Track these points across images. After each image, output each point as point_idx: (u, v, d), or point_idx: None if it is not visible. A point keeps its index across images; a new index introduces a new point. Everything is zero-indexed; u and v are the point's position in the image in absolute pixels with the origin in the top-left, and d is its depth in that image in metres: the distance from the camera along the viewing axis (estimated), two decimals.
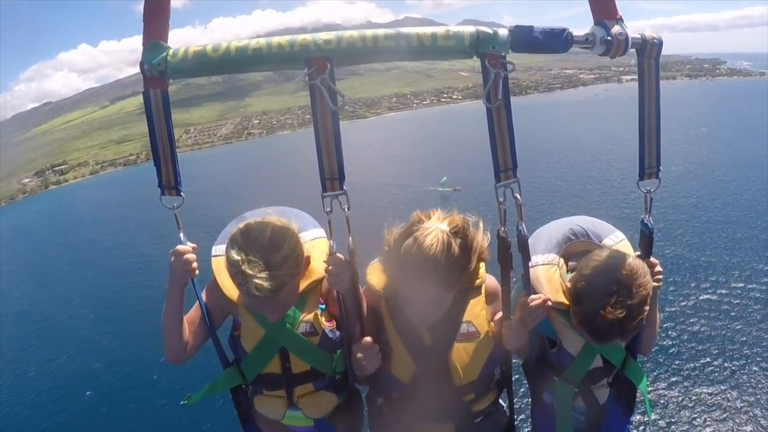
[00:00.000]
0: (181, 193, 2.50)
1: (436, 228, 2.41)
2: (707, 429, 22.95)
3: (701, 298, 33.29)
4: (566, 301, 2.73)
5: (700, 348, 28.30)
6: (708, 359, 27.45)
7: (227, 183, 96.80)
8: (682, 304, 32.32)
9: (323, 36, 2.20)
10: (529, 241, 2.61)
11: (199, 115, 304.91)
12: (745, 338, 28.91)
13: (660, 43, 2.44)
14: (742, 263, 37.79)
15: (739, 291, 33.91)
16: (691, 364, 27.13)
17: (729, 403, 24.11)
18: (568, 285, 2.73)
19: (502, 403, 3.17)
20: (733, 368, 26.63)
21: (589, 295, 2.50)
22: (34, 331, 45.05)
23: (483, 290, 2.84)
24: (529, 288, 2.69)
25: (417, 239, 2.38)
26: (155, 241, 56.68)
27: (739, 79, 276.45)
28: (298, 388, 2.83)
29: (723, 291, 34.11)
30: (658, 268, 2.71)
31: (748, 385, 25.27)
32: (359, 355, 2.60)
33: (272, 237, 2.44)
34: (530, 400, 3.30)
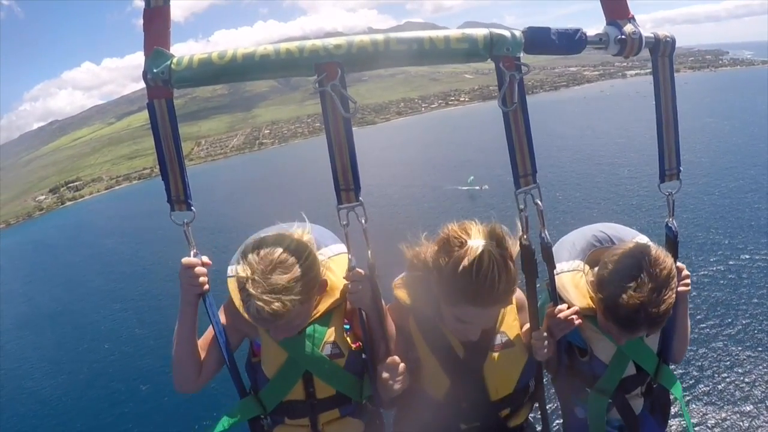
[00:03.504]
0: (192, 208, 2.37)
1: (485, 247, 2.29)
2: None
3: (706, 274, 34.30)
4: (593, 307, 2.69)
5: (702, 321, 29.06)
6: (711, 336, 27.81)
7: (244, 193, 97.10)
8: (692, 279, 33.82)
9: (333, 41, 2.15)
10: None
11: (208, 128, 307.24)
12: (746, 311, 30.12)
13: (673, 42, 2.44)
14: (746, 241, 39.35)
15: (742, 266, 35.37)
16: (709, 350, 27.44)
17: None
18: (593, 279, 2.70)
19: (531, 420, 3.07)
20: (737, 345, 27.16)
21: (610, 281, 2.49)
22: (78, 334, 45.83)
23: (514, 300, 2.71)
24: (555, 297, 2.63)
25: (473, 264, 2.26)
26: (181, 247, 57.47)
27: (742, 69, 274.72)
28: (322, 414, 2.65)
29: (730, 267, 35.57)
30: (686, 272, 2.68)
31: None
32: (385, 375, 2.44)
33: (283, 257, 2.30)
34: (561, 416, 3.27)
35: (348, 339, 2.63)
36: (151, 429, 29.30)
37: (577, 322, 2.60)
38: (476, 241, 2.31)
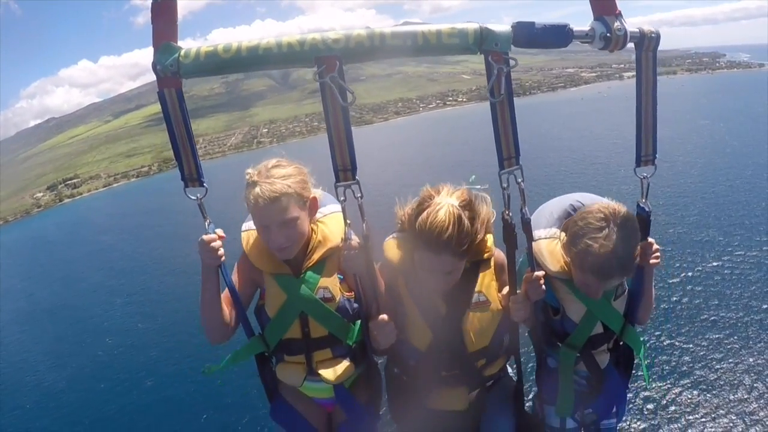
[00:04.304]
0: (204, 184, 2.65)
1: (446, 203, 2.68)
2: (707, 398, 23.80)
3: (702, 269, 35.22)
4: (567, 271, 2.96)
5: (697, 314, 30.19)
6: (706, 328, 29.13)
7: (242, 191, 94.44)
8: (684, 275, 34.50)
9: (332, 35, 2.28)
10: (531, 218, 2.79)
11: (206, 126, 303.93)
12: (739, 304, 31.06)
13: (657, 37, 2.54)
14: (740, 239, 40.12)
15: (737, 262, 36.24)
16: (689, 331, 28.39)
17: (726, 381, 24.98)
18: (565, 239, 2.95)
19: (510, 369, 3.42)
20: (731, 336, 28.30)
21: (582, 234, 2.76)
22: (80, 328, 46.07)
23: (492, 263, 3.08)
24: (533, 264, 2.86)
25: (430, 214, 2.66)
26: (181, 244, 56.91)
27: (739, 72, 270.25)
28: (316, 353, 2.99)
29: (722, 262, 36.30)
30: (656, 247, 2.91)
31: (747, 356, 26.38)
32: (375, 332, 2.82)
33: (281, 162, 2.80)
34: (535, 365, 3.55)
35: (340, 288, 2.98)
36: (156, 420, 29.57)
37: (550, 275, 2.94)
38: (440, 198, 2.75)
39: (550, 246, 3.06)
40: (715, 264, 35.75)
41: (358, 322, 3.00)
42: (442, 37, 2.32)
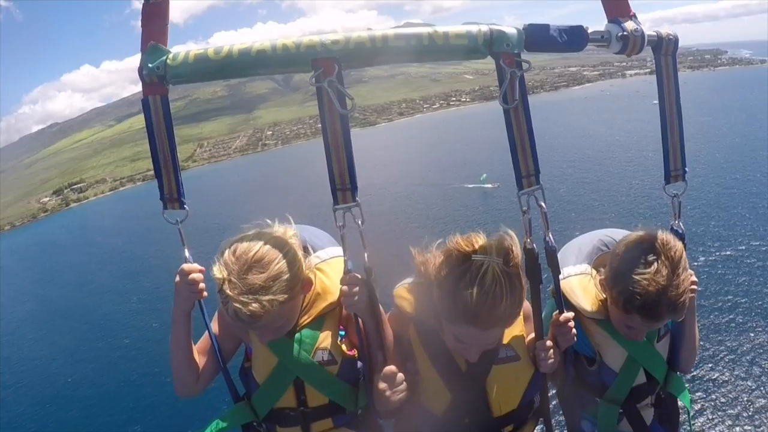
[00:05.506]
0: (185, 206, 2.36)
1: (490, 263, 2.12)
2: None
3: (705, 260, 36.10)
4: (604, 311, 2.61)
5: (699, 300, 31.05)
6: (708, 312, 29.92)
7: (248, 194, 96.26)
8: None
9: (330, 37, 2.09)
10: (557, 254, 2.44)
11: (210, 129, 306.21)
12: (739, 290, 32.04)
13: (676, 40, 2.40)
14: (743, 230, 41.13)
15: (739, 251, 37.24)
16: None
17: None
18: (603, 278, 2.61)
19: None
20: (732, 321, 29.26)
21: (626, 270, 2.37)
22: (97, 328, 47.43)
23: (521, 312, 2.42)
24: (561, 304, 2.50)
25: (474, 282, 2.10)
26: (194, 242, 56.83)
27: (740, 68, 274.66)
28: (315, 424, 2.52)
29: (725, 253, 37.31)
30: (693, 278, 2.46)
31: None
32: (382, 385, 2.31)
33: (259, 256, 2.17)
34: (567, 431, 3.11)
35: (343, 346, 2.49)
36: (175, 412, 30.43)
37: (583, 316, 2.58)
38: (481, 257, 2.16)
39: (582, 282, 2.70)
40: (717, 254, 36.78)
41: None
42: (449, 39, 2.11)
